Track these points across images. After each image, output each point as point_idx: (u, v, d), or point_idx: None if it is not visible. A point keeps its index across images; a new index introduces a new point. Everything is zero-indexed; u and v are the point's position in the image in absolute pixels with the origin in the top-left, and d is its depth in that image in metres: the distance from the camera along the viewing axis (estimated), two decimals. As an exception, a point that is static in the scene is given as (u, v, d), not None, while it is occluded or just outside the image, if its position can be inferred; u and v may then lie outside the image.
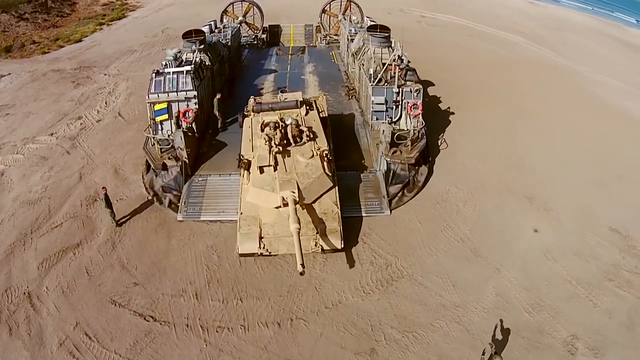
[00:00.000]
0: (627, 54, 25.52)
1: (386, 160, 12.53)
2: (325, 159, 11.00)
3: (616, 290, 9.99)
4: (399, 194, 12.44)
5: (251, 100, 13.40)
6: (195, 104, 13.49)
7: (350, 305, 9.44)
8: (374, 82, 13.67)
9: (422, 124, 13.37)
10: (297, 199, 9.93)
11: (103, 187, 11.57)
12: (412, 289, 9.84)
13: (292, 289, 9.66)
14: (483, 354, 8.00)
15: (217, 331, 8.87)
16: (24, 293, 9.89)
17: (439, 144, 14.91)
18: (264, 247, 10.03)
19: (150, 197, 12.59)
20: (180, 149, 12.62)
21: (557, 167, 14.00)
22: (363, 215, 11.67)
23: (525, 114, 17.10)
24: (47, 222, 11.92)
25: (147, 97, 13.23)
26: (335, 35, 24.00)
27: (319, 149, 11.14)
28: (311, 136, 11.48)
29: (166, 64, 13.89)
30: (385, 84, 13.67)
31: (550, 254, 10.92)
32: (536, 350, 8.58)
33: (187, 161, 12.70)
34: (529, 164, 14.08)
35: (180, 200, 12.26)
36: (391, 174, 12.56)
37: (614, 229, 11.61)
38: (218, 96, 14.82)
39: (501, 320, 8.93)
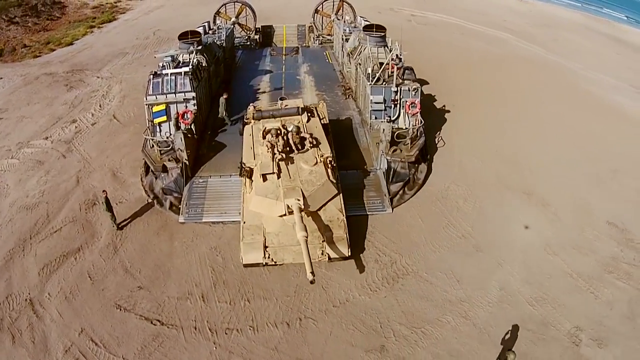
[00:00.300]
0: (617, 49, 25.99)
1: (387, 159, 12.61)
2: (329, 165, 10.92)
3: (616, 282, 10.19)
4: (400, 192, 12.52)
5: (251, 108, 13.32)
6: (194, 105, 13.42)
7: (358, 303, 9.49)
8: (372, 81, 13.75)
9: (421, 122, 13.49)
10: (303, 207, 9.83)
11: (103, 191, 11.43)
12: (418, 286, 9.91)
13: (299, 289, 9.66)
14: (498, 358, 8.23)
15: (226, 333, 8.83)
16: (26, 300, 9.73)
17: (436, 142, 15.04)
18: (268, 257, 9.87)
19: (150, 200, 12.49)
20: (181, 150, 12.53)
21: (553, 163, 14.21)
22: (365, 213, 11.72)
23: (518, 111, 17.31)
24: (46, 227, 11.74)
25: (145, 98, 13.10)
26: (328, 35, 24.04)
27: (322, 155, 11.05)
28: (314, 143, 11.40)
29: (163, 66, 13.81)
30: (384, 83, 13.75)
31: (551, 248, 11.09)
32: (542, 343, 8.73)
33: (187, 163, 12.63)
34: (525, 161, 14.27)
35: (182, 203, 12.17)
36: (392, 172, 12.64)
37: (611, 223, 11.83)
38: (225, 96, 14.83)
39: (514, 326, 9.04)
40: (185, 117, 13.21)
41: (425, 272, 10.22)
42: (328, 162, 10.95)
